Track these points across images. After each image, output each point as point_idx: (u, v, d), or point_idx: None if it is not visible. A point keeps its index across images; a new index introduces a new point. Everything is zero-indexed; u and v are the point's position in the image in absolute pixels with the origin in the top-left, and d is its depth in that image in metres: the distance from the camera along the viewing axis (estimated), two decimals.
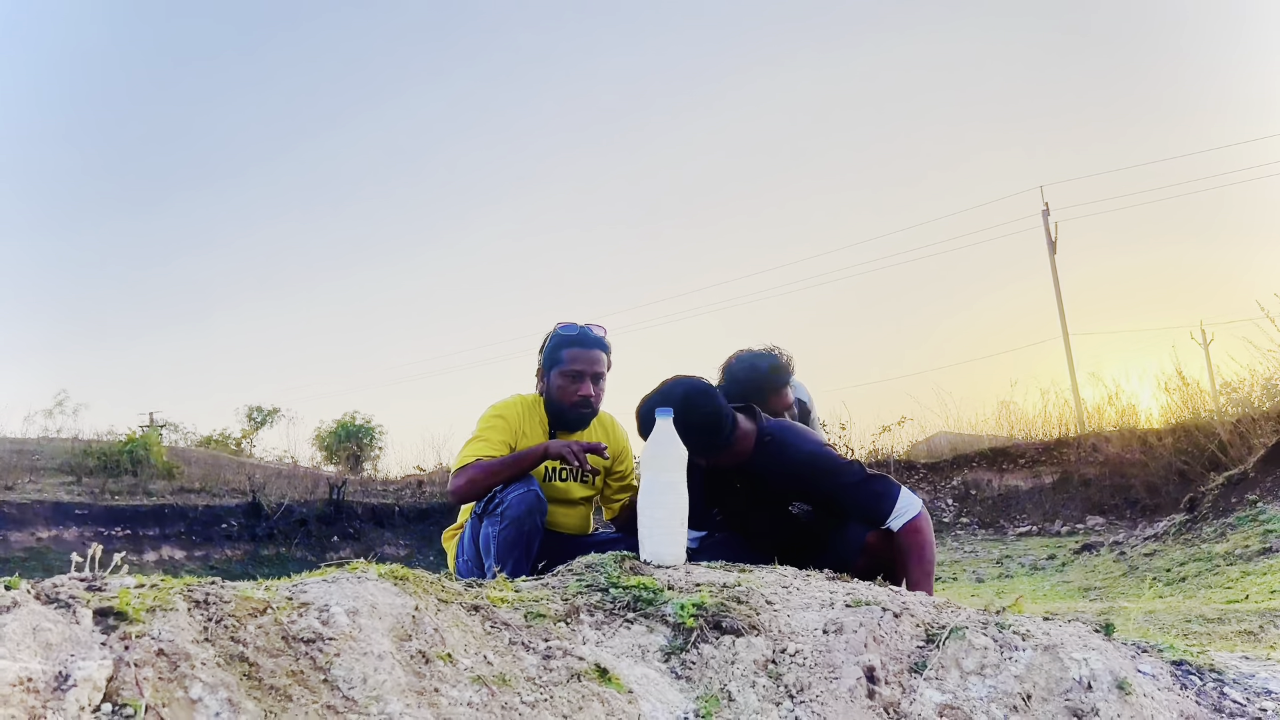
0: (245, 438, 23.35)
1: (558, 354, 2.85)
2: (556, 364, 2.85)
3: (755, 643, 1.42)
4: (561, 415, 2.86)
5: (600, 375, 2.87)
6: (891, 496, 2.53)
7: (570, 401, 2.83)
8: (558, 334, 2.89)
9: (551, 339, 2.91)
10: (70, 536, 12.11)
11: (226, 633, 1.11)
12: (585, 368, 2.83)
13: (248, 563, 12.77)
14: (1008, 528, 11.69)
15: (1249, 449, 9.39)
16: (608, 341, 2.91)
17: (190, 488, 14.99)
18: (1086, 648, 1.49)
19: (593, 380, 2.84)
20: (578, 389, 2.81)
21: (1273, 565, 6.13)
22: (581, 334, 2.87)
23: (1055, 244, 20.41)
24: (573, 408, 2.84)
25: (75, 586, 1.10)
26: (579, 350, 2.84)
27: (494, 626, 1.36)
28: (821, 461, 2.63)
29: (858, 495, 2.55)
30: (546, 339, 2.94)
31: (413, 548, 14.10)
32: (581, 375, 2.82)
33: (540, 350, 2.95)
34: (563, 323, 2.90)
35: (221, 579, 1.27)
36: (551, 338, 2.91)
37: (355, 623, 1.21)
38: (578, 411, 2.85)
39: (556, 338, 2.89)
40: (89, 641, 1.01)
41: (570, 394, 2.82)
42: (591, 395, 2.84)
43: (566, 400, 2.83)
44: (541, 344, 2.96)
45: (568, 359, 2.83)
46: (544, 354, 2.92)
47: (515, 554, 2.50)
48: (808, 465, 2.61)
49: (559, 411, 2.86)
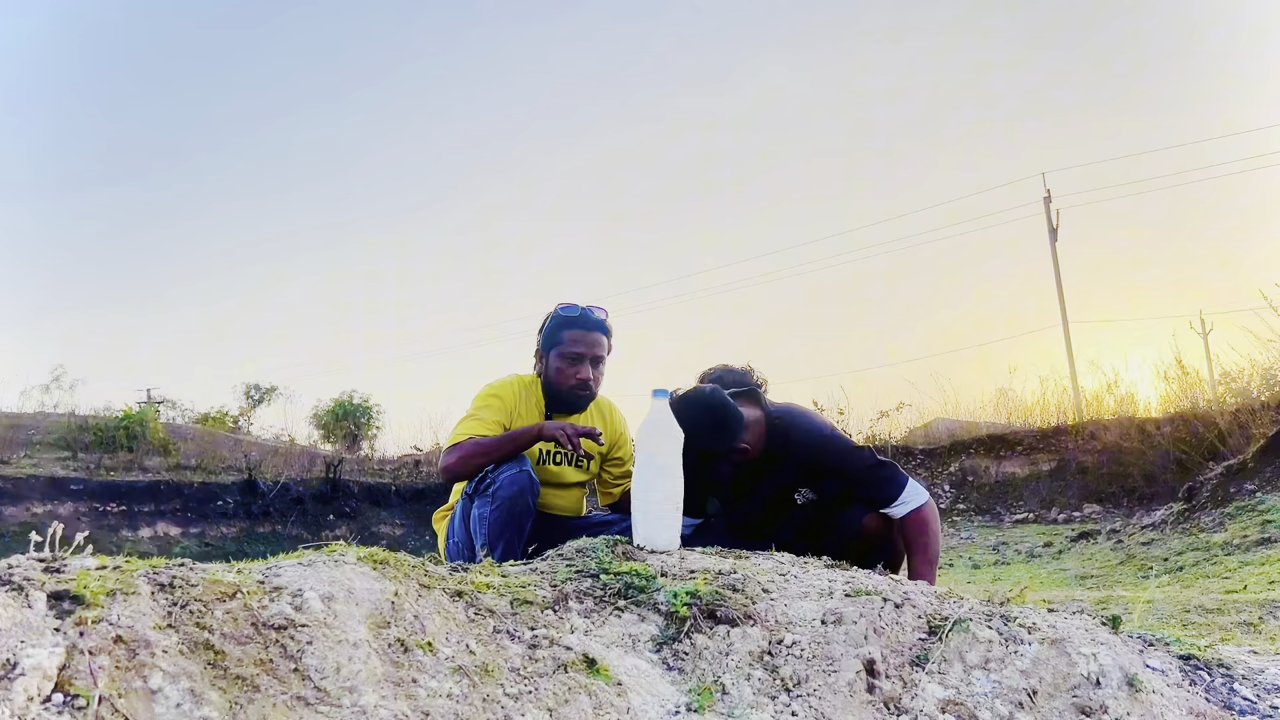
0: (243, 415, 23.28)
1: (557, 335, 2.77)
2: (556, 345, 2.77)
3: (751, 633, 1.37)
4: (558, 398, 2.78)
5: (600, 359, 2.79)
6: (899, 483, 2.48)
7: (568, 384, 2.75)
8: (558, 314, 2.80)
9: (551, 319, 2.82)
10: (65, 512, 12.07)
11: (192, 618, 1.05)
12: (585, 350, 2.75)
13: (243, 540, 12.74)
14: (1004, 514, 11.66)
15: (1248, 439, 9.34)
16: (609, 325, 2.82)
17: (186, 465, 14.95)
18: (1094, 642, 1.43)
19: (592, 364, 2.76)
20: (576, 372, 2.74)
21: (1271, 555, 6.10)
22: (583, 315, 2.78)
23: (1056, 231, 20.31)
24: (570, 391, 2.76)
25: (31, 568, 1.04)
26: (580, 332, 2.76)
27: (478, 614, 1.30)
28: (832, 444, 2.58)
29: (867, 478, 2.50)
30: (546, 319, 2.85)
31: (409, 527, 14.06)
32: (581, 358, 2.74)
33: (539, 330, 2.87)
34: (564, 303, 2.82)
35: (216, 557, 1.21)
36: (552, 318, 2.83)
37: (330, 609, 1.15)
38: (575, 395, 2.77)
39: (557, 318, 2.80)
40: (41, 627, 0.94)
41: (568, 377, 2.74)
42: (590, 379, 2.76)
43: (564, 383, 2.75)
44: (541, 324, 2.87)
45: (567, 340, 2.75)
46: (543, 334, 2.83)
47: (507, 536, 2.44)
48: (817, 448, 2.56)
49: (556, 394, 2.78)
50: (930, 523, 2.45)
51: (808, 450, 2.57)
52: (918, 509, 2.44)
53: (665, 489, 1.95)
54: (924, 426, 15.04)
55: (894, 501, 2.45)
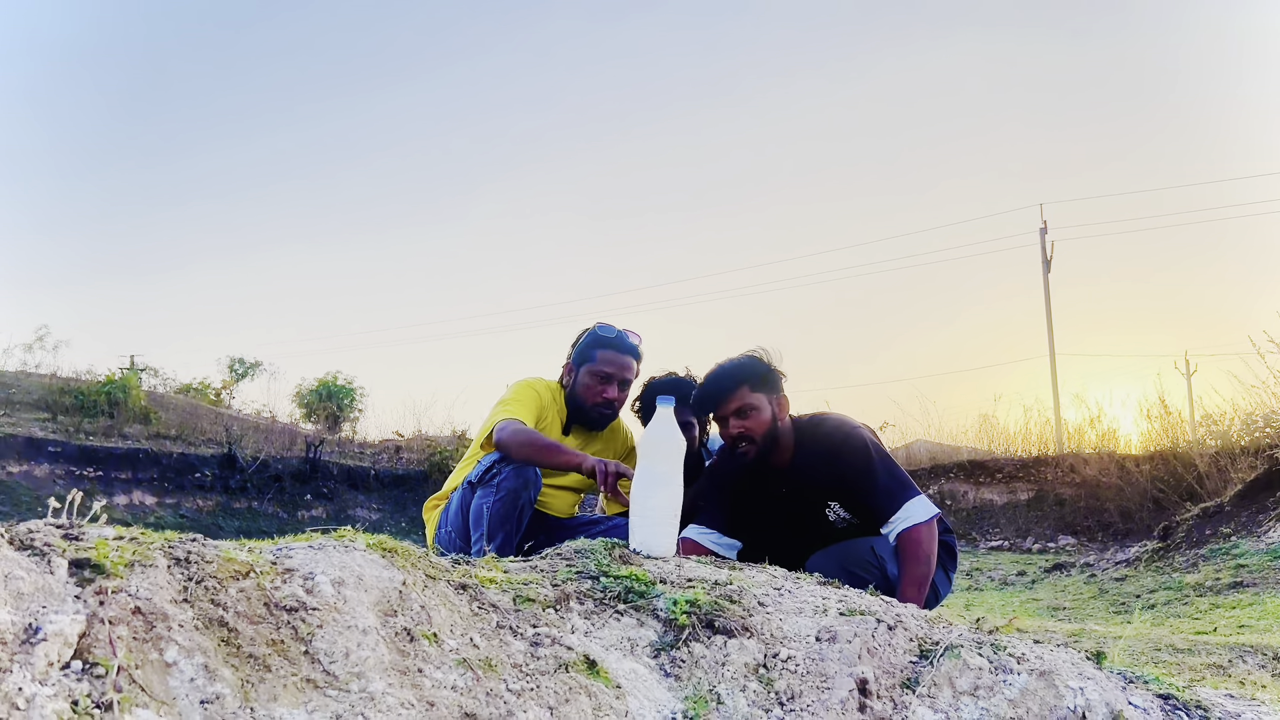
0: (225, 388, 23.15)
1: (590, 352, 2.85)
2: (588, 361, 2.85)
3: (747, 645, 1.39)
4: (581, 412, 2.85)
5: (628, 381, 2.87)
6: (898, 498, 2.42)
7: (593, 401, 2.83)
8: (595, 333, 2.88)
9: (588, 336, 2.90)
10: (41, 474, 11.98)
11: (207, 594, 1.06)
12: (615, 371, 2.83)
13: (218, 514, 12.68)
14: (980, 540, 11.75)
15: (1226, 482, 9.45)
16: (641, 350, 2.90)
17: (166, 434, 14.87)
18: (1082, 676, 1.46)
19: (619, 385, 2.84)
20: (603, 390, 2.82)
21: (1242, 599, 6.17)
22: (619, 337, 2.86)
23: (1050, 262, 20.47)
24: (594, 408, 2.84)
25: (51, 534, 1.05)
26: (613, 354, 2.84)
27: (481, 608, 1.32)
28: (855, 441, 2.51)
29: (875, 489, 2.44)
30: (582, 334, 2.93)
31: (386, 512, 14.03)
32: (610, 378, 2.82)
33: (573, 344, 2.94)
34: (602, 322, 2.90)
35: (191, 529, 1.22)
36: (588, 334, 2.91)
37: (340, 594, 1.16)
38: (599, 412, 2.85)
39: (593, 336, 2.88)
40: (62, 594, 0.95)
41: (595, 394, 2.82)
42: (615, 399, 2.84)
43: (590, 399, 2.82)
44: (575, 339, 2.95)
45: (600, 360, 2.83)
46: (576, 348, 2.91)
47: (507, 528, 2.47)
48: (841, 446, 2.49)
49: (579, 408, 2.85)
50: (923, 544, 2.37)
51: (834, 445, 2.50)
52: (910, 529, 2.41)
53: (663, 496, 1.97)
54: (905, 447, 15.13)
55: (888, 520, 2.42)
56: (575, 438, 2.88)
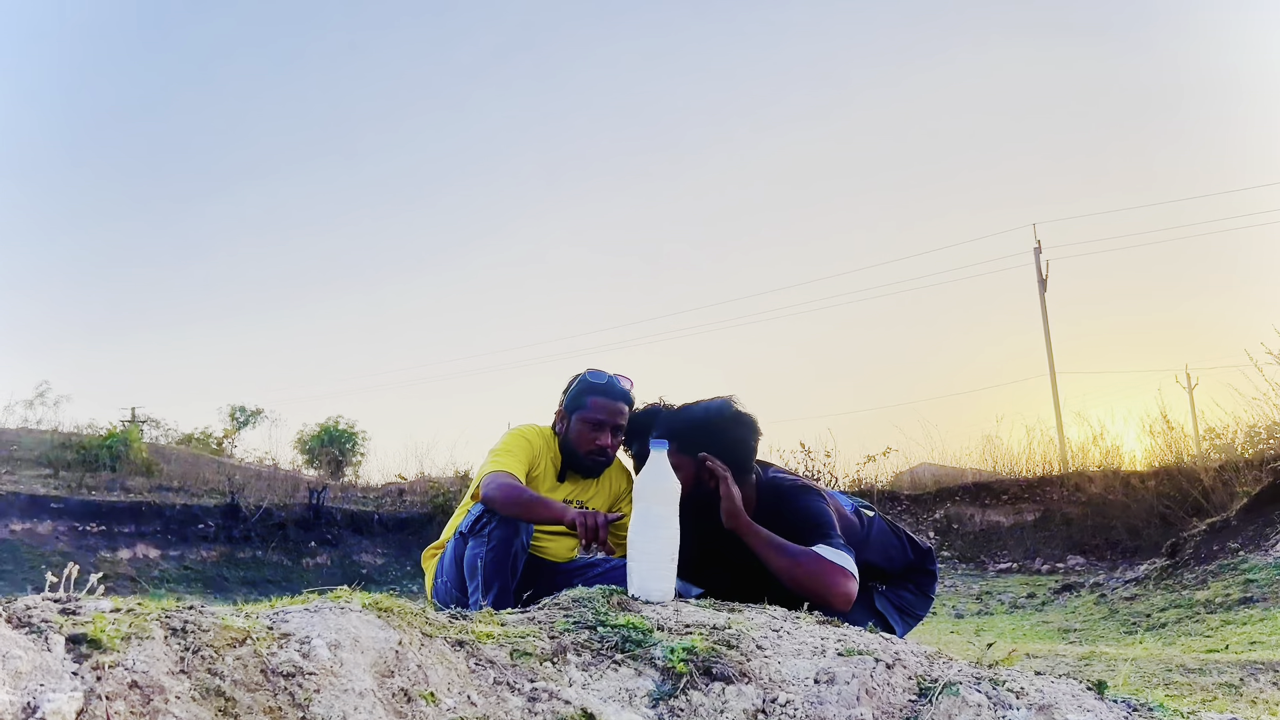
0: (227, 437, 23.16)
1: (582, 399, 2.84)
2: (579, 409, 2.84)
3: (746, 691, 1.39)
4: (575, 459, 2.85)
5: (620, 427, 2.85)
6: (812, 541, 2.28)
7: (586, 449, 2.82)
8: (586, 379, 2.87)
9: (579, 383, 2.89)
10: (45, 530, 11.94)
11: (204, 664, 1.07)
12: (608, 419, 2.81)
13: (223, 564, 12.61)
14: (988, 563, 11.68)
15: (1231, 496, 9.42)
16: (633, 395, 2.90)
17: (169, 486, 14.83)
18: (1081, 709, 1.46)
19: (612, 432, 2.83)
20: (596, 438, 2.80)
21: (1253, 615, 6.14)
22: (610, 384, 2.85)
23: (1046, 282, 20.54)
24: (588, 455, 2.83)
25: (48, 609, 1.06)
26: (605, 400, 2.82)
27: (479, 664, 1.32)
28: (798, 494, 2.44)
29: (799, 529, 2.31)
30: (573, 381, 2.92)
31: (390, 556, 13.95)
32: (603, 425, 2.81)
33: (564, 391, 2.94)
34: (592, 369, 2.90)
35: (195, 581, 1.23)
36: (579, 381, 2.90)
37: (337, 656, 1.17)
38: (593, 460, 2.84)
39: (584, 383, 2.87)
40: (60, 671, 0.96)
41: (588, 441, 2.81)
42: (609, 446, 2.83)
43: (583, 447, 2.82)
44: (567, 385, 2.95)
45: (592, 406, 2.82)
46: (568, 396, 2.90)
47: (502, 578, 2.46)
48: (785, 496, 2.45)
49: (573, 455, 2.85)
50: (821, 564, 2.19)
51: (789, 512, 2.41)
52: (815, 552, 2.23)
53: (660, 540, 1.98)
54: (909, 470, 15.07)
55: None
56: (570, 484, 2.88)
